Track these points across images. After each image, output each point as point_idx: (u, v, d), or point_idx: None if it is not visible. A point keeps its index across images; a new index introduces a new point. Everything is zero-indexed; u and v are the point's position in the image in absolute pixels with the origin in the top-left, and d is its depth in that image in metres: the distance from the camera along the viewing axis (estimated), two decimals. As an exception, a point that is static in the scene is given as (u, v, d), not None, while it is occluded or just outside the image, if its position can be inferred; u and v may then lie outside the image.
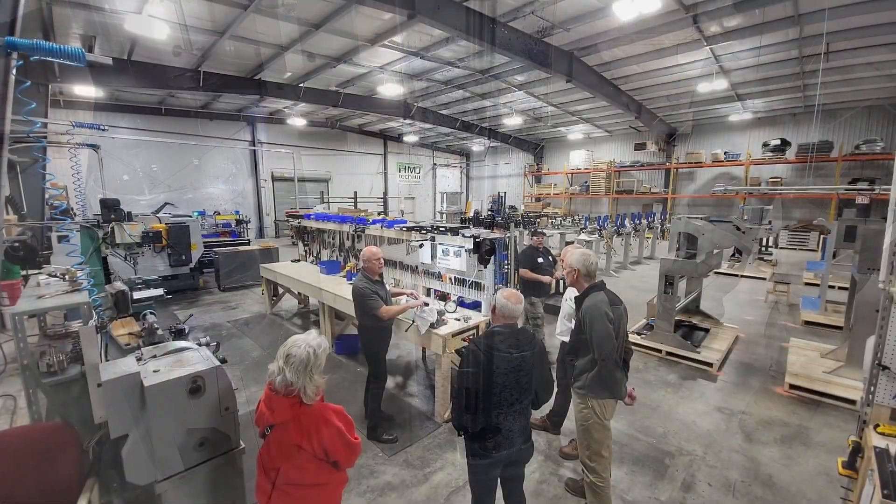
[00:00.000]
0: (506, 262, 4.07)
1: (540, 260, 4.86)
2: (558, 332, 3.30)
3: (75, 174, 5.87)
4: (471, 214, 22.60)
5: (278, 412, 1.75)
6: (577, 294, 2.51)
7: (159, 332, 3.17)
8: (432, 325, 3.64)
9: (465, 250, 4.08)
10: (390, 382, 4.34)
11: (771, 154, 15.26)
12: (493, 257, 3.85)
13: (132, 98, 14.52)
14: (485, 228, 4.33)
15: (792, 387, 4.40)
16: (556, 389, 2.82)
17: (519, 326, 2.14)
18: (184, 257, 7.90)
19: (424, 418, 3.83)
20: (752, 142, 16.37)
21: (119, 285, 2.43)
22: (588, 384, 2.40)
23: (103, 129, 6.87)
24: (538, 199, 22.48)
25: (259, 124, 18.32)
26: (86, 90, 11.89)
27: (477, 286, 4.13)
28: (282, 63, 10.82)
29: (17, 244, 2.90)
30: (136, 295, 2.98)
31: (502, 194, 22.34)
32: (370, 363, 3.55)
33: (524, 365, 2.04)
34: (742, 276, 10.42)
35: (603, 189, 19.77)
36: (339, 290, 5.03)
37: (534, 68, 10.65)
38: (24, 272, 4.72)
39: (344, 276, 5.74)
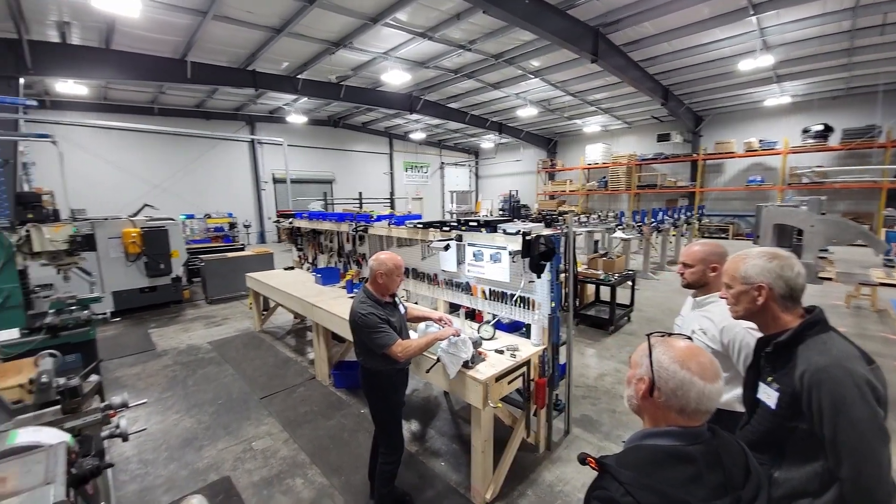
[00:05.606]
0: (562, 266, 2.94)
1: None
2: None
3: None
4: (482, 213, 21.56)
5: None
6: (781, 338, 1.31)
7: (55, 385, 2.11)
8: (466, 365, 2.51)
9: (508, 253, 2.95)
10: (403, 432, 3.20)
11: (812, 141, 13.92)
12: (549, 263, 2.72)
13: (122, 97, 13.65)
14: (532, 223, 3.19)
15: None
16: None
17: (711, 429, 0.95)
18: (162, 266, 6.87)
19: (457, 497, 2.64)
20: (786, 129, 15.01)
21: None
22: None
23: (33, 106, 5.83)
24: (552, 197, 21.27)
25: (259, 123, 17.39)
26: (71, 88, 11.01)
27: (524, 302, 2.98)
28: (276, 49, 9.80)
29: None
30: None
31: (514, 192, 21.22)
32: (379, 424, 2.41)
33: None
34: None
35: (623, 184, 18.51)
36: (336, 305, 3.93)
37: (555, 48, 9.56)
38: None
39: (343, 288, 4.65)
